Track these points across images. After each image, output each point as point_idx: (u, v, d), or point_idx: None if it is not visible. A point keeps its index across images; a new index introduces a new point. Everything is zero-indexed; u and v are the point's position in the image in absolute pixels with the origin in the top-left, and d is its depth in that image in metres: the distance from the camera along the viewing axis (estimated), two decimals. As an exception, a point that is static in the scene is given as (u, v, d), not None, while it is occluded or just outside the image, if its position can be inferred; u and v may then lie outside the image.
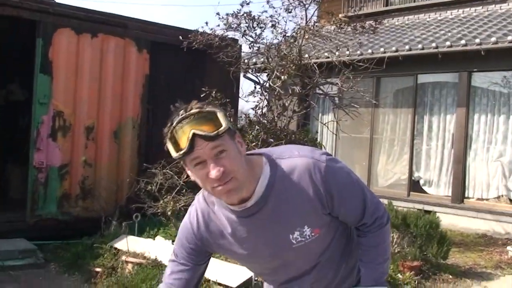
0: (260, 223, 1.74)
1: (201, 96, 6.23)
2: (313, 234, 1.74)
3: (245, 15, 7.59)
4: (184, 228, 1.86)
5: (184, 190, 6.51)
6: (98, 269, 5.68)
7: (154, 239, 6.15)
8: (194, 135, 1.56)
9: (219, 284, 5.00)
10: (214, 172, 1.58)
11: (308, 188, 1.70)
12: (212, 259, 5.28)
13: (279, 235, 1.75)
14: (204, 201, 1.82)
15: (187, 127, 1.58)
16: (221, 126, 1.59)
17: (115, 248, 6.00)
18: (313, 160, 1.71)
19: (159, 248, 5.74)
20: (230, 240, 1.80)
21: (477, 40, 9.01)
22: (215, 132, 1.57)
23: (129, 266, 5.57)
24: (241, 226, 1.76)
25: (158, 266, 5.42)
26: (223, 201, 1.74)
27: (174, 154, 1.61)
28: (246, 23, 7.60)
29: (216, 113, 1.62)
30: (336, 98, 8.07)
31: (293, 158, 1.73)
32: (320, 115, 11.32)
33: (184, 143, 1.58)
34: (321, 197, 1.71)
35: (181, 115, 1.62)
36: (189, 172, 1.67)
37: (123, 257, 5.70)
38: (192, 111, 1.61)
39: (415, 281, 5.94)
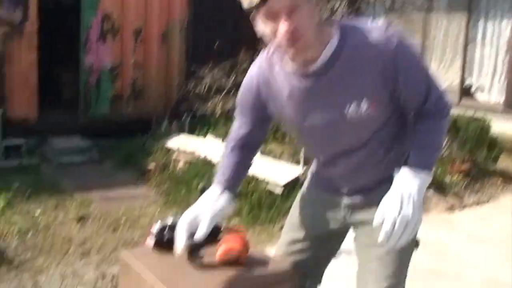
0: (320, 87, 1.71)
1: None
2: (369, 109, 1.70)
3: None
4: (245, 82, 1.88)
5: (232, 91, 6.54)
6: (150, 166, 5.86)
7: (204, 138, 6.26)
8: None
9: (268, 182, 5.10)
10: (284, 27, 1.54)
11: (376, 62, 1.65)
12: (261, 158, 5.33)
13: (336, 103, 1.72)
14: (266, 59, 1.80)
15: None
16: None
17: (167, 147, 6.14)
18: (386, 36, 1.65)
19: (209, 147, 5.86)
20: (286, 101, 1.78)
21: None
22: None
23: (181, 163, 5.73)
24: (300, 88, 1.73)
25: (208, 164, 5.55)
26: (286, 61, 1.73)
27: (246, 4, 1.57)
28: None
29: None
30: (387, 2, 7.79)
31: (365, 30, 1.67)
32: (370, 19, 11.01)
33: None
34: (386, 73, 1.66)
35: None
36: (257, 26, 1.63)
37: (175, 155, 5.85)
38: None
39: (463, 184, 5.93)
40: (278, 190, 5.01)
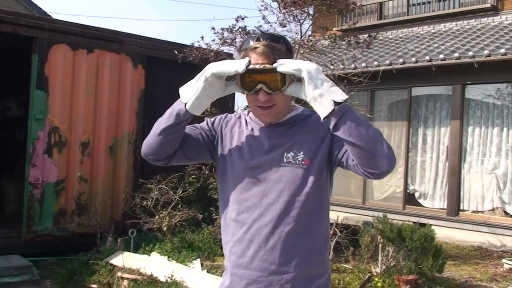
0: (272, 135, 2.05)
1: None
2: (303, 162, 1.98)
3: (240, 30, 7.65)
4: (219, 116, 2.24)
5: (179, 206, 6.54)
6: (93, 286, 5.68)
7: (149, 255, 6.15)
8: (260, 87, 1.94)
9: None
10: (262, 97, 1.96)
11: (323, 128, 1.99)
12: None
13: (278, 148, 2.02)
14: (243, 114, 2.20)
15: (257, 76, 1.93)
16: (285, 84, 1.93)
17: (111, 264, 5.99)
18: None
19: (154, 264, 5.75)
20: (237, 140, 2.11)
21: (470, 53, 9.09)
22: (277, 91, 1.95)
23: (125, 282, 5.57)
24: (257, 132, 2.08)
25: (153, 282, 5.42)
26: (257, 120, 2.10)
27: (239, 89, 2.00)
28: (241, 37, 7.64)
29: (286, 75, 1.92)
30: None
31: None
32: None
33: (250, 88, 1.96)
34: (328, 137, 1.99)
35: (255, 65, 1.92)
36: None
37: (119, 273, 5.69)
38: (267, 67, 1.92)
39: (410, 296, 5.94)
40: None
